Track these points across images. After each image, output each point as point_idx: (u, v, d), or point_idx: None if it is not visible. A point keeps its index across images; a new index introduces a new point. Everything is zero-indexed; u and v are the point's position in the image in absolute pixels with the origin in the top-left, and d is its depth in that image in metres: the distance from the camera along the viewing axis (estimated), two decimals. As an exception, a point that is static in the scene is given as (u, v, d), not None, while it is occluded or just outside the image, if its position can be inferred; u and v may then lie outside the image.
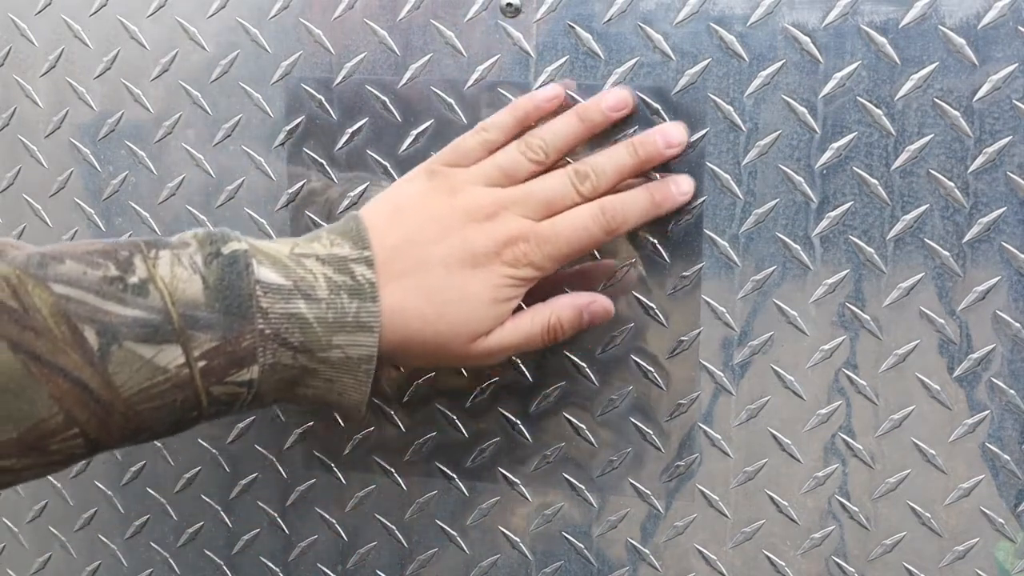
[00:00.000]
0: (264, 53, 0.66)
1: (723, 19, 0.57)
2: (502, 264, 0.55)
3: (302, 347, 0.52)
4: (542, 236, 0.56)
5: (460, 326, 0.55)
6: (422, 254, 0.55)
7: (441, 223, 0.56)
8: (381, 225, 0.55)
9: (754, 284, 0.59)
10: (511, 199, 0.56)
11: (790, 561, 0.61)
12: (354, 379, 0.53)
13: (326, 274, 0.53)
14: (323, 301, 0.52)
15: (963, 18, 0.54)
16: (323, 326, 0.52)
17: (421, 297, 0.54)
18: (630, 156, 0.58)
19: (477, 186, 0.57)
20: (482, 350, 0.56)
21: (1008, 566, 0.58)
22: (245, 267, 0.51)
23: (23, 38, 0.71)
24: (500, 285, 0.55)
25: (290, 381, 0.53)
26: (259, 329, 0.51)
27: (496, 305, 0.56)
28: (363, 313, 0.53)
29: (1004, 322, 0.56)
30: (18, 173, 0.73)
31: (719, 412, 0.61)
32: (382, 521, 0.68)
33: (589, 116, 0.58)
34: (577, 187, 0.57)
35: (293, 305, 0.52)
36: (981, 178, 0.55)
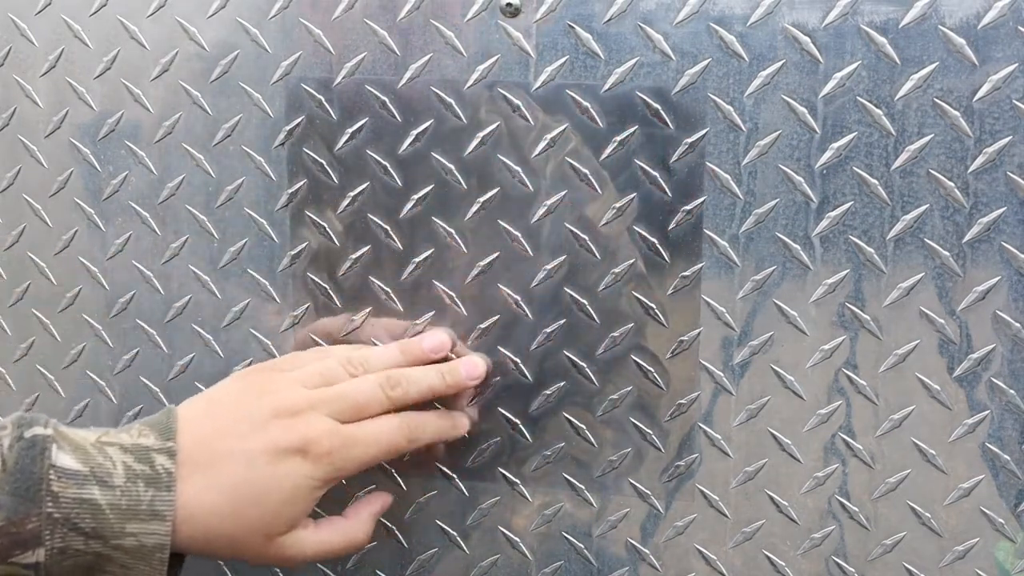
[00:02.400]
0: (264, 53, 0.66)
1: (723, 19, 0.57)
2: (304, 462, 0.57)
3: (94, 533, 0.53)
4: (346, 437, 0.58)
5: (255, 523, 0.56)
6: (225, 448, 0.56)
7: (250, 419, 0.57)
8: (193, 419, 0.57)
9: (754, 284, 0.59)
10: (320, 399, 0.58)
11: (790, 561, 0.61)
12: (149, 567, 0.54)
13: (125, 462, 0.54)
14: (118, 488, 0.53)
15: (963, 18, 0.54)
16: (116, 513, 0.53)
17: (218, 492, 0.55)
18: (439, 379, 0.62)
19: (291, 386, 0.59)
20: (281, 552, 0.58)
21: (1008, 566, 0.58)
22: (41, 452, 0.53)
23: (23, 38, 0.71)
24: (300, 484, 0.57)
25: (85, 567, 0.53)
26: (47, 512, 0.52)
27: (294, 504, 0.57)
28: (157, 501, 0.54)
29: (1004, 322, 0.56)
30: (18, 173, 0.73)
31: (719, 412, 0.61)
32: (382, 521, 0.68)
33: (411, 351, 0.63)
34: (387, 393, 0.60)
35: (86, 491, 0.53)
36: (981, 178, 0.55)
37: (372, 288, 0.66)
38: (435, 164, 0.63)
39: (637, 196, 0.60)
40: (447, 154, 0.63)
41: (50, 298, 0.73)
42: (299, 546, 0.58)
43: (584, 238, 0.61)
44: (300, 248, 0.67)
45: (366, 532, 0.62)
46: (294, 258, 0.67)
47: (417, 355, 0.63)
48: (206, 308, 0.69)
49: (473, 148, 0.63)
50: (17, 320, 0.74)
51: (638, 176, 0.60)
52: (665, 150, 0.59)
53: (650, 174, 0.60)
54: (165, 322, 0.70)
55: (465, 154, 0.63)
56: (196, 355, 0.70)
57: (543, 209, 0.62)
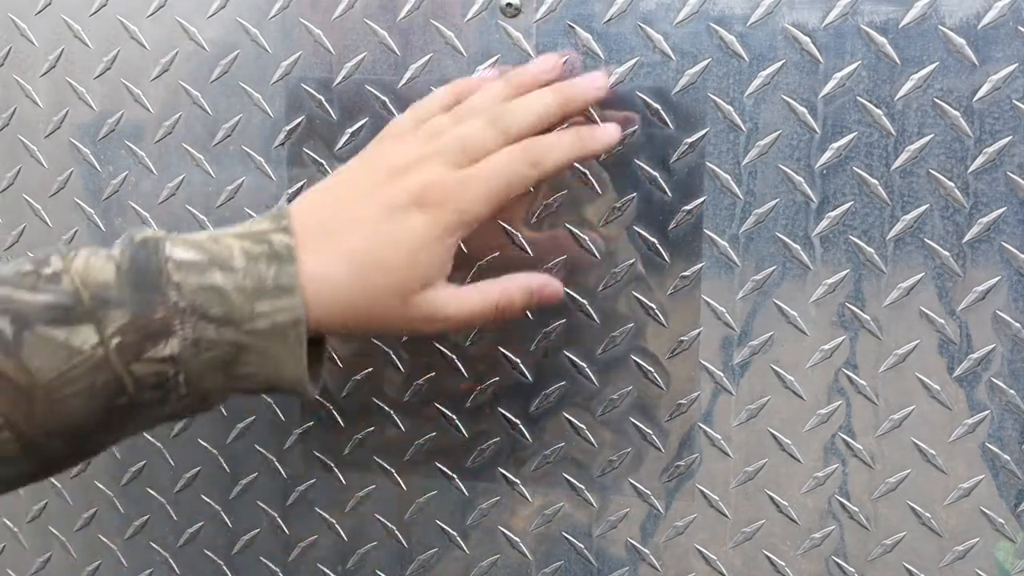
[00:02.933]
0: (264, 53, 0.66)
1: (723, 19, 0.57)
2: (422, 211, 0.54)
3: (225, 318, 0.51)
4: (464, 178, 0.55)
5: (388, 282, 0.54)
6: (343, 215, 0.54)
7: (363, 184, 0.56)
8: (305, 202, 0.56)
9: (754, 284, 0.59)
10: (432, 150, 0.56)
11: (790, 561, 0.61)
12: (285, 348, 0.52)
13: (243, 247, 0.53)
14: (240, 271, 0.52)
15: (963, 18, 0.54)
16: (242, 294, 0.51)
17: (344, 260, 0.53)
18: (552, 96, 0.57)
19: (398, 147, 0.57)
20: (419, 312, 0.55)
21: (1008, 566, 0.58)
22: (155, 247, 0.52)
23: (23, 38, 0.71)
24: (423, 235, 0.54)
25: (223, 361, 0.52)
26: (172, 301, 0.51)
27: (421, 256, 0.54)
28: (282, 276, 0.52)
29: (1004, 322, 0.56)
30: (18, 173, 0.73)
31: (719, 412, 0.61)
32: (382, 521, 0.68)
33: (517, 81, 0.58)
34: (499, 126, 0.56)
35: (208, 277, 0.51)
36: (981, 178, 0.55)
37: (372, 288, 0.65)
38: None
39: (637, 196, 0.60)
40: (447, 154, 0.63)
41: (50, 298, 0.73)
42: (437, 303, 0.55)
43: (584, 238, 0.61)
44: (300, 248, 0.67)
45: (508, 298, 0.57)
46: (294, 258, 0.67)
47: (526, 82, 0.58)
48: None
49: (473, 148, 0.62)
50: (17, 320, 0.74)
51: (638, 176, 0.60)
52: (665, 150, 0.59)
53: (650, 174, 0.60)
54: (165, 322, 0.70)
55: (465, 154, 0.63)
56: (196, 355, 0.70)
57: (543, 209, 0.62)
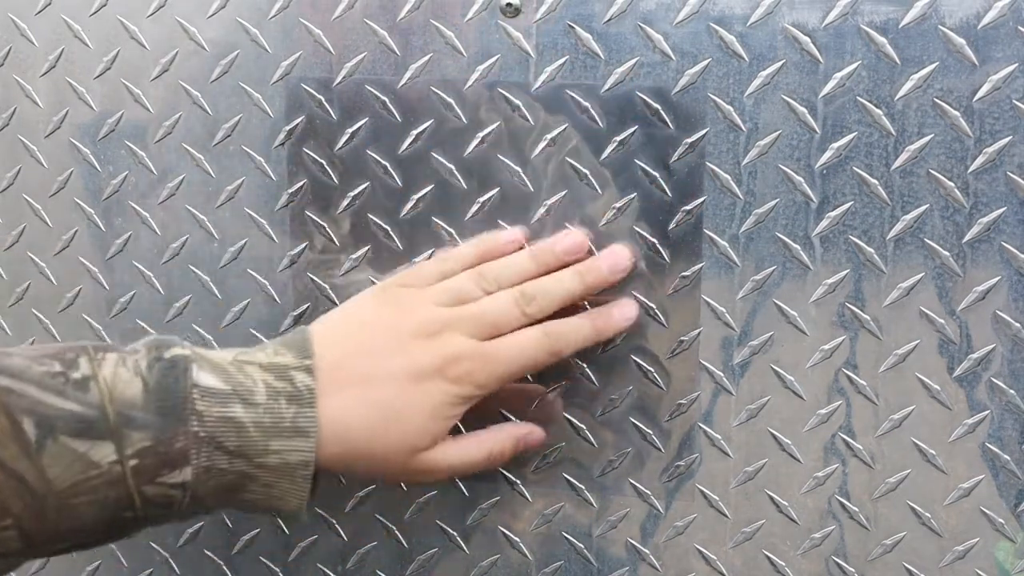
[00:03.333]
0: (264, 53, 0.66)
1: (723, 19, 0.57)
2: (445, 381, 0.56)
3: (239, 451, 0.53)
4: (486, 356, 0.57)
5: (402, 440, 0.56)
6: (368, 366, 0.56)
7: (388, 337, 0.57)
8: (329, 337, 0.57)
9: (754, 284, 0.59)
10: (457, 318, 0.58)
11: (790, 561, 0.61)
12: (292, 484, 0.54)
13: (266, 380, 0.54)
14: (261, 406, 0.53)
15: (963, 18, 0.54)
16: (260, 430, 0.53)
17: (366, 409, 0.55)
18: (578, 283, 0.60)
19: (426, 305, 0.58)
20: (423, 466, 0.57)
21: (1008, 566, 0.58)
22: (183, 371, 0.52)
23: (23, 38, 0.71)
24: (442, 402, 0.57)
25: (229, 487, 0.53)
26: (193, 431, 0.52)
27: (437, 421, 0.57)
28: (300, 418, 0.53)
29: (1004, 322, 0.56)
30: (18, 173, 0.73)
31: (719, 412, 0.61)
32: (382, 521, 0.68)
33: (543, 259, 0.60)
34: (523, 309, 0.58)
35: (230, 409, 0.52)
36: (981, 178, 0.55)
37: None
38: (435, 164, 0.63)
39: (637, 196, 0.60)
40: (447, 154, 0.63)
41: (50, 298, 0.73)
42: (438, 459, 0.58)
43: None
44: (300, 248, 0.67)
45: (503, 449, 0.61)
46: (294, 258, 0.67)
47: (550, 262, 0.60)
48: (206, 308, 0.69)
49: (473, 148, 0.63)
50: (17, 320, 0.74)
51: (638, 176, 0.60)
52: (665, 150, 0.59)
53: (650, 174, 0.60)
54: (165, 322, 0.70)
55: (465, 154, 0.63)
56: (196, 355, 0.70)
57: (543, 209, 0.62)
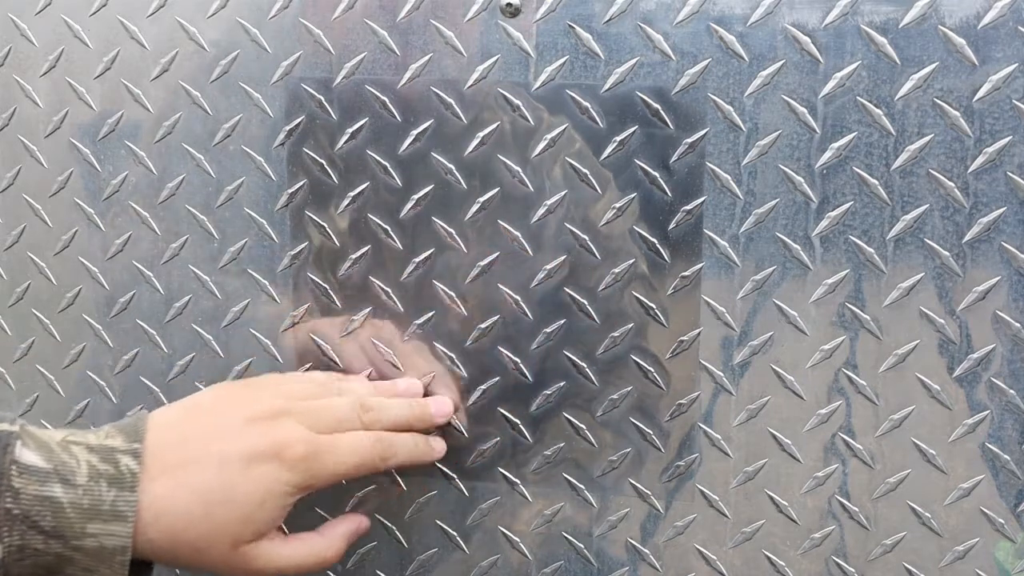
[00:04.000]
0: (264, 53, 0.66)
1: (723, 19, 0.57)
2: (279, 465, 0.56)
3: (54, 532, 0.52)
4: (321, 446, 0.58)
5: (223, 528, 0.55)
6: (198, 450, 0.56)
7: (224, 421, 0.57)
8: (165, 423, 0.57)
9: (754, 284, 0.59)
10: (297, 409, 0.59)
11: (790, 561, 0.61)
12: (110, 570, 0.53)
13: (90, 461, 0.53)
14: (81, 487, 0.52)
15: (963, 18, 0.54)
16: (77, 512, 0.52)
17: (189, 493, 0.55)
18: (409, 411, 0.63)
19: (267, 394, 0.59)
20: (246, 563, 0.57)
21: (1008, 566, 0.58)
22: (4, 447, 0.52)
23: (23, 38, 0.71)
24: (273, 489, 0.56)
25: (45, 567, 0.53)
26: (6, 507, 0.51)
27: (265, 510, 0.56)
28: (120, 502, 0.53)
29: (1004, 322, 0.56)
30: (18, 173, 0.73)
31: (719, 412, 0.61)
32: (382, 521, 0.68)
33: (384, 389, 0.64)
34: (360, 416, 0.60)
35: (48, 488, 0.52)
36: (981, 178, 0.55)
37: (372, 288, 0.66)
38: (435, 164, 0.63)
39: (637, 196, 0.60)
40: (447, 154, 0.63)
41: (50, 298, 0.73)
42: (266, 557, 0.57)
43: (584, 238, 0.61)
44: (300, 248, 0.67)
45: (337, 551, 0.62)
46: (294, 258, 0.67)
47: (388, 391, 0.64)
48: (206, 308, 0.69)
49: (473, 148, 0.63)
50: (17, 320, 0.74)
51: (638, 176, 0.60)
52: (665, 150, 0.59)
53: (650, 174, 0.60)
54: (165, 322, 0.70)
55: (465, 154, 0.63)
56: (196, 355, 0.70)
57: (543, 209, 0.62)
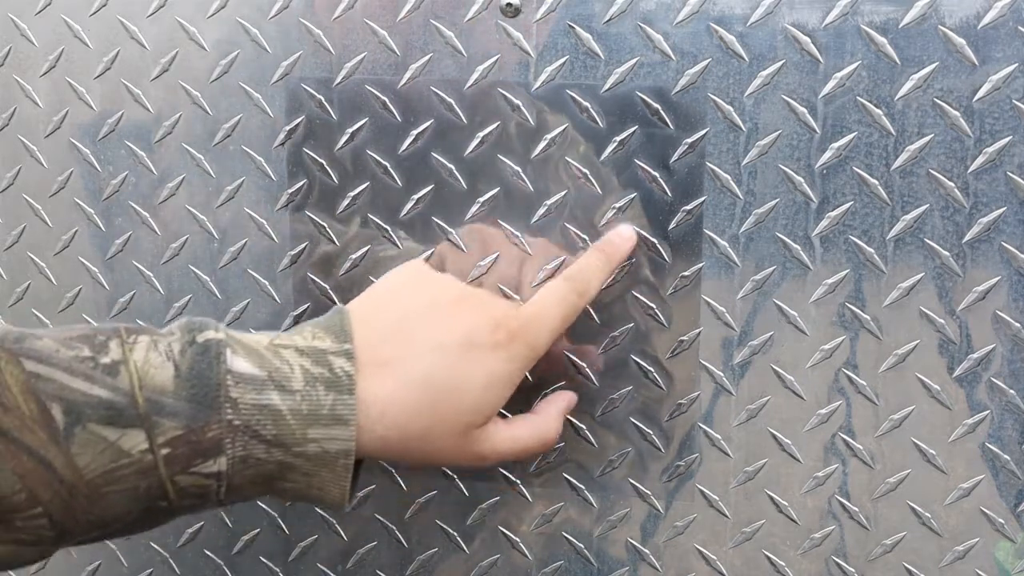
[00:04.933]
0: (264, 53, 0.66)
1: (723, 19, 0.57)
2: (497, 346, 0.55)
3: (276, 440, 0.50)
4: (529, 314, 0.57)
5: (455, 417, 0.54)
6: (414, 338, 0.54)
7: (431, 310, 0.56)
8: (368, 317, 0.55)
9: (754, 284, 0.59)
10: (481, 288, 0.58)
11: (790, 561, 0.61)
12: (332, 474, 0.52)
13: (303, 365, 0.51)
14: (298, 393, 0.51)
15: (963, 18, 0.54)
16: (297, 418, 0.51)
17: (412, 388, 0.53)
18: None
19: (447, 278, 0.58)
20: (476, 447, 0.55)
21: (1008, 566, 0.58)
22: (216, 356, 0.50)
23: (23, 38, 0.71)
24: (495, 369, 0.55)
25: (267, 477, 0.51)
26: (227, 420, 0.50)
27: (491, 392, 0.55)
28: (339, 405, 0.51)
29: (1004, 322, 0.56)
30: (18, 173, 0.73)
31: (719, 412, 0.61)
32: (382, 521, 0.68)
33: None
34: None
35: (266, 396, 0.50)
36: (981, 178, 0.55)
37: (372, 288, 0.66)
38: (435, 164, 0.63)
39: (637, 196, 0.60)
40: (447, 154, 0.63)
41: (50, 298, 0.73)
42: (491, 441, 0.55)
43: (584, 238, 0.61)
44: (300, 248, 0.67)
45: (556, 429, 0.59)
46: (294, 258, 0.67)
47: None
48: (206, 308, 0.69)
49: (473, 148, 0.63)
50: (17, 320, 0.74)
51: (638, 176, 0.60)
52: (665, 150, 0.59)
53: (650, 174, 0.60)
54: (165, 322, 0.70)
55: (465, 154, 0.63)
56: (196, 355, 0.70)
57: (543, 209, 0.62)
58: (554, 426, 0.59)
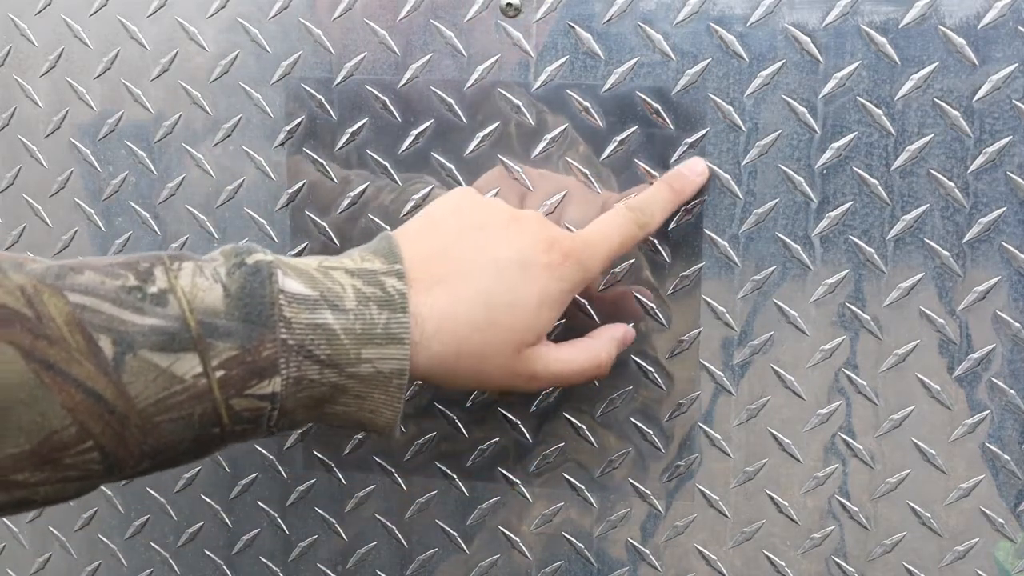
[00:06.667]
0: (264, 53, 0.66)
1: (723, 19, 0.57)
2: (549, 264, 0.54)
3: (329, 360, 0.49)
4: (584, 235, 0.56)
5: (510, 333, 0.53)
6: (467, 256, 0.53)
7: (481, 228, 0.55)
8: (416, 239, 0.54)
9: (754, 284, 0.59)
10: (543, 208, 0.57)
11: (790, 561, 0.61)
12: (385, 395, 0.51)
13: (355, 285, 0.51)
14: (351, 312, 0.50)
15: (963, 18, 0.54)
16: (351, 338, 0.50)
17: (466, 304, 0.52)
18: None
19: (499, 201, 0.57)
20: (529, 366, 0.54)
21: (1008, 566, 0.58)
22: (268, 276, 0.49)
23: (23, 38, 0.71)
24: (548, 287, 0.54)
25: (319, 399, 0.50)
26: (281, 339, 0.48)
27: (544, 310, 0.54)
28: (393, 324, 0.50)
29: (1004, 322, 0.56)
30: (18, 173, 0.73)
31: (719, 412, 0.61)
32: (382, 521, 0.68)
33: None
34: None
35: (319, 315, 0.49)
36: (981, 178, 0.55)
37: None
38: (435, 164, 0.63)
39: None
40: (447, 154, 0.63)
41: (50, 298, 0.73)
42: (544, 360, 0.55)
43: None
44: (300, 248, 0.67)
45: (609, 353, 0.58)
46: (294, 258, 0.67)
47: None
48: (206, 308, 0.69)
49: (473, 148, 0.63)
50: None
51: (638, 176, 0.60)
52: (665, 150, 0.59)
53: (650, 174, 0.60)
54: (165, 322, 0.70)
55: (465, 154, 0.63)
56: (196, 355, 0.70)
57: (543, 209, 0.62)
58: (606, 349, 0.59)
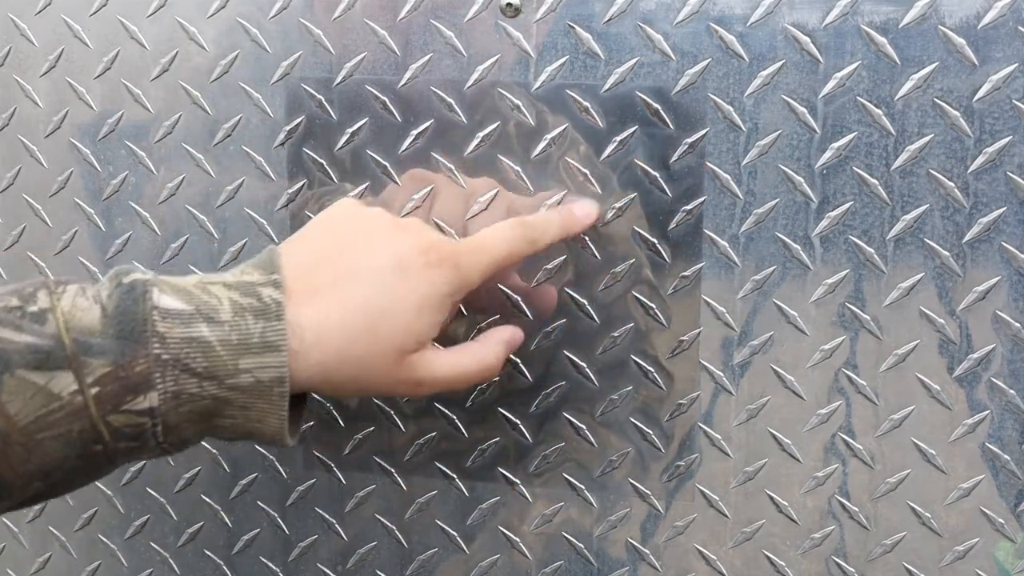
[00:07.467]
0: (264, 53, 0.66)
1: (723, 19, 0.57)
2: (429, 268, 0.54)
3: (207, 373, 0.50)
4: (468, 243, 0.57)
5: (388, 340, 0.53)
6: (346, 265, 0.54)
7: (362, 235, 0.55)
8: (297, 249, 0.55)
9: (754, 284, 0.59)
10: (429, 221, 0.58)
11: (790, 561, 0.61)
12: (269, 404, 0.51)
13: (231, 298, 0.51)
14: (226, 323, 0.51)
15: (963, 18, 0.54)
16: (227, 348, 0.50)
17: (344, 312, 0.53)
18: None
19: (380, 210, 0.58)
20: (412, 373, 0.55)
21: (1008, 566, 0.58)
22: (143, 294, 0.50)
23: (23, 38, 0.71)
24: (428, 292, 0.54)
25: (203, 413, 0.51)
26: (155, 354, 0.49)
27: (424, 316, 0.54)
28: (269, 332, 0.51)
29: (1004, 322, 0.56)
30: (18, 173, 0.73)
31: (719, 412, 0.61)
32: (382, 521, 0.68)
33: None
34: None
35: (194, 329, 0.50)
36: (981, 178, 0.55)
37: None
38: (435, 164, 0.63)
39: (637, 196, 0.60)
40: (447, 154, 0.63)
41: (50, 298, 0.73)
42: (428, 366, 0.55)
43: (584, 238, 0.61)
44: (300, 248, 0.67)
45: (497, 357, 0.58)
46: (294, 258, 0.67)
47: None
48: (206, 308, 0.69)
49: (473, 148, 0.63)
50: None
51: (638, 176, 0.60)
52: (665, 150, 0.59)
53: (650, 174, 0.60)
54: (165, 322, 0.70)
55: (465, 154, 0.63)
56: (196, 355, 0.70)
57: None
58: (494, 352, 0.59)
